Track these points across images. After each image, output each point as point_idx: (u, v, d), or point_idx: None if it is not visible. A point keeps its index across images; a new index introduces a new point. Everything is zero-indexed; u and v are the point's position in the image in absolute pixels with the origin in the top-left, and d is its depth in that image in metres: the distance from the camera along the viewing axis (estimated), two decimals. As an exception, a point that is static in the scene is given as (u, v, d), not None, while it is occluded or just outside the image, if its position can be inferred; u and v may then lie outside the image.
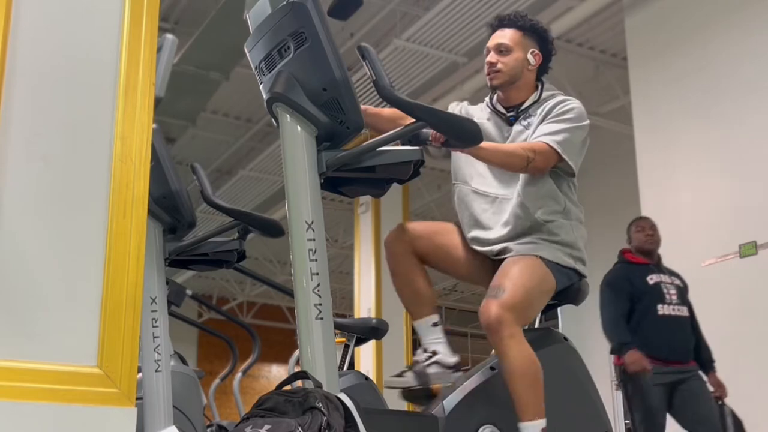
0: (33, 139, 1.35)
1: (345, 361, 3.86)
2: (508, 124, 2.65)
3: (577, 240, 2.55)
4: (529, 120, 2.60)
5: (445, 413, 2.24)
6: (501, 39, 2.65)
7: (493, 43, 2.66)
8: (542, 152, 2.47)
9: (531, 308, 2.43)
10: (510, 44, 2.63)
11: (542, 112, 2.58)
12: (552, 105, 2.58)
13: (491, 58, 2.65)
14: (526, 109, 2.63)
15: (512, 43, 2.63)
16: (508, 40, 2.64)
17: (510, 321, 2.29)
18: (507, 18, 2.70)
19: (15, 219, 1.31)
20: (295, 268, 1.83)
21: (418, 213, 11.25)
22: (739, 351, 5.20)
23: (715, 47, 5.87)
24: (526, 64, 2.64)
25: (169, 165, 2.59)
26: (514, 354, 2.27)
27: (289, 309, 15.62)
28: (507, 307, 2.30)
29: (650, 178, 6.20)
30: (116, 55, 1.44)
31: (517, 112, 2.64)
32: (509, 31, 2.66)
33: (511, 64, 2.62)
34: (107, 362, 1.33)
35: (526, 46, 2.65)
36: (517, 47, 2.63)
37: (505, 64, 2.62)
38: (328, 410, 1.58)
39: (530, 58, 2.64)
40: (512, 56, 2.62)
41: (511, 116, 2.65)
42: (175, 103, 8.46)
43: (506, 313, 2.29)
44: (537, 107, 2.62)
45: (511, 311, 2.31)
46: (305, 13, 1.88)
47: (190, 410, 3.20)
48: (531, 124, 2.59)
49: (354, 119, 1.91)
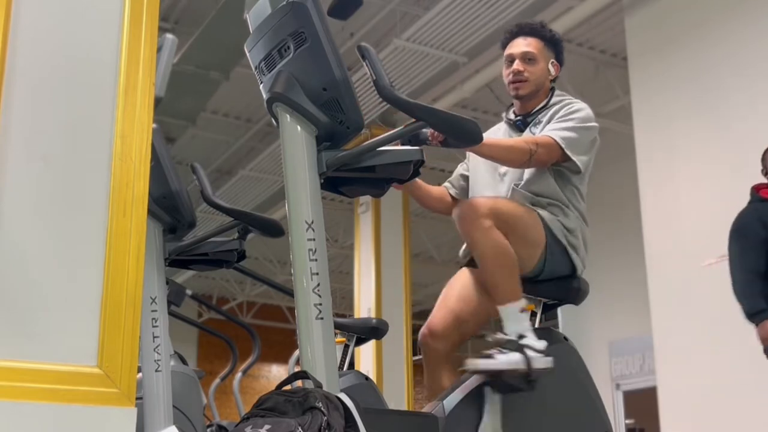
0: (33, 139, 1.35)
1: (345, 361, 3.86)
2: (517, 130, 2.66)
3: (576, 229, 2.55)
4: (538, 128, 2.61)
5: (445, 413, 2.24)
6: (526, 47, 2.62)
7: (519, 50, 2.63)
8: (545, 145, 2.46)
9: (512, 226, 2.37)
10: (536, 53, 2.62)
11: (550, 114, 2.59)
12: (559, 107, 2.59)
13: (518, 66, 2.61)
14: (536, 114, 2.64)
15: (537, 52, 2.62)
16: (534, 49, 2.62)
17: (484, 214, 2.28)
18: (529, 26, 2.68)
19: (15, 219, 1.31)
20: (295, 268, 1.83)
21: (418, 213, 11.24)
22: (739, 351, 5.20)
23: (716, 47, 5.87)
24: (547, 75, 2.64)
25: (169, 165, 2.59)
26: (488, 241, 2.28)
27: (289, 309, 15.62)
28: (486, 205, 2.31)
29: (650, 178, 6.20)
30: (116, 55, 1.44)
31: (525, 117, 2.64)
32: (533, 40, 2.64)
33: (538, 73, 2.61)
34: (107, 362, 1.33)
35: (547, 56, 2.65)
36: (541, 57, 2.63)
37: (532, 73, 2.61)
38: (328, 410, 1.58)
39: (551, 69, 2.64)
40: (539, 66, 2.61)
41: (518, 121, 2.65)
42: (175, 103, 8.45)
43: (481, 208, 2.30)
44: (546, 112, 2.62)
45: (490, 210, 2.30)
46: (305, 13, 1.88)
47: (190, 410, 3.19)
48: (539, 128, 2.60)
49: (354, 119, 1.91)
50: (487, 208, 2.32)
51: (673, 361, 5.71)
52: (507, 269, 2.29)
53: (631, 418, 9.33)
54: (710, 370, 5.36)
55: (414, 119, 1.95)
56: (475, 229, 2.29)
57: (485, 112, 8.82)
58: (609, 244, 5.15)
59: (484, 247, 2.30)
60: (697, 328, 5.51)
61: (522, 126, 2.65)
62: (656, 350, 5.90)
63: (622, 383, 9.04)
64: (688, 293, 5.63)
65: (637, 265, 6.37)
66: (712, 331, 5.36)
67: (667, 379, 5.77)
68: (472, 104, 8.75)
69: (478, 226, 2.29)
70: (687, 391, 5.53)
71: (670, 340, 5.75)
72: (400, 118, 8.63)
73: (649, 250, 6.01)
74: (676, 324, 5.71)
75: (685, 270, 5.62)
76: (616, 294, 8.52)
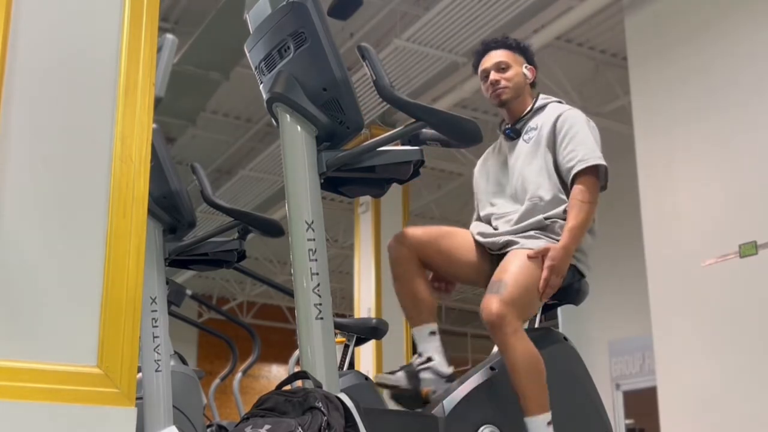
0: (33, 139, 1.35)
1: (345, 361, 3.86)
2: (510, 139, 2.72)
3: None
4: (530, 134, 2.65)
5: (445, 413, 2.24)
6: (498, 58, 2.73)
7: (490, 63, 2.73)
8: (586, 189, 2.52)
9: (531, 303, 2.44)
10: (508, 61, 2.72)
11: (547, 128, 2.62)
12: (555, 124, 2.61)
13: (494, 77, 2.71)
14: (526, 121, 2.69)
15: (509, 60, 2.72)
16: (505, 58, 2.72)
17: (511, 316, 2.30)
18: (493, 41, 2.79)
19: (15, 219, 1.31)
20: (295, 268, 1.83)
21: (418, 213, 11.25)
22: (739, 351, 5.20)
23: (715, 47, 5.87)
24: (524, 79, 2.73)
25: (169, 165, 2.59)
26: (517, 349, 2.29)
27: (289, 309, 15.61)
28: (508, 302, 2.31)
29: (650, 178, 6.20)
30: (116, 55, 1.44)
31: (513, 125, 2.71)
32: (500, 51, 2.74)
33: (515, 78, 2.71)
34: (107, 362, 1.33)
35: (519, 62, 2.74)
36: (514, 63, 2.73)
37: (509, 79, 2.70)
38: (328, 410, 1.59)
39: (526, 72, 2.73)
40: (513, 71, 2.71)
41: (507, 129, 2.72)
42: (175, 103, 8.45)
43: (507, 308, 2.30)
44: (536, 117, 2.68)
45: (513, 306, 2.31)
46: (305, 13, 1.88)
47: (190, 410, 3.20)
48: (535, 139, 2.63)
49: (354, 119, 1.91)
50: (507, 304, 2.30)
51: (673, 361, 5.71)
52: (537, 383, 2.30)
53: (631, 418, 9.33)
54: (710, 370, 5.36)
55: (414, 119, 1.96)
56: (502, 336, 2.29)
57: (485, 112, 8.82)
58: (609, 244, 5.15)
59: (514, 358, 2.29)
60: (697, 328, 5.50)
61: (513, 134, 2.70)
62: (656, 350, 5.89)
63: (622, 383, 9.04)
64: (688, 293, 5.63)
65: (637, 265, 6.37)
66: (711, 331, 5.36)
67: (667, 379, 5.77)
68: (472, 104, 8.75)
69: (504, 333, 2.29)
70: (687, 391, 5.53)
71: (670, 340, 5.75)
72: (400, 118, 8.63)
73: (649, 250, 6.00)
74: (676, 324, 5.71)
75: (685, 270, 5.61)
76: (616, 294, 8.52)
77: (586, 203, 2.50)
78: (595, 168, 2.53)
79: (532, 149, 2.62)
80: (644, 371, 8.56)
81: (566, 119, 2.62)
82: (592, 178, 2.53)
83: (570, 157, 2.55)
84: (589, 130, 2.60)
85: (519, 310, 2.34)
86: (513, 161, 2.66)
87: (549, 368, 2.32)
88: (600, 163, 2.54)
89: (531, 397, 2.28)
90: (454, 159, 9.97)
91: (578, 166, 2.52)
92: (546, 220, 2.53)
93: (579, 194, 2.51)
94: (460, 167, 10.12)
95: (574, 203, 2.51)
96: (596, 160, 2.53)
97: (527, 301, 2.40)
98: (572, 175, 2.53)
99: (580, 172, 2.51)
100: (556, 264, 2.40)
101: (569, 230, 2.46)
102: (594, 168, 2.52)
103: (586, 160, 2.52)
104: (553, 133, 2.60)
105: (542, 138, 2.61)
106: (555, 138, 2.60)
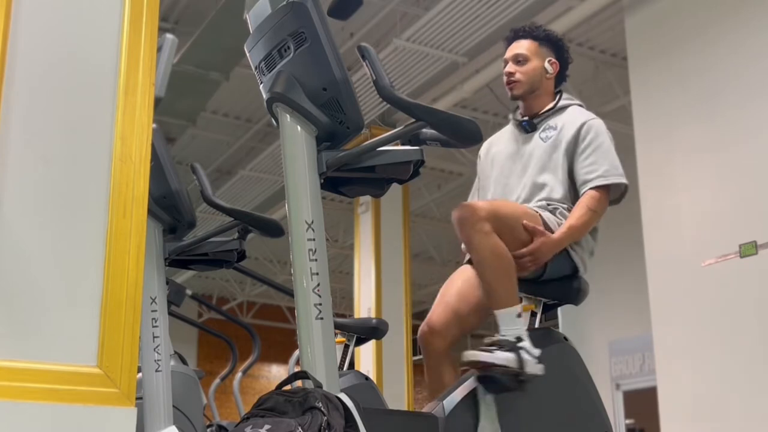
0: (33, 139, 1.35)
1: (345, 361, 3.86)
2: (523, 131, 2.71)
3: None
4: (548, 133, 2.65)
5: (445, 413, 2.24)
6: (517, 49, 2.72)
7: (510, 54, 2.73)
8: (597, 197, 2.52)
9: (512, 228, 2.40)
10: (527, 54, 2.71)
11: (570, 133, 2.61)
12: (579, 131, 2.60)
13: (509, 68, 2.71)
14: (545, 118, 2.68)
15: (529, 52, 2.71)
16: (525, 50, 2.71)
17: (485, 221, 2.30)
18: (522, 29, 2.77)
19: (15, 219, 1.31)
20: (295, 268, 1.83)
21: (418, 213, 11.25)
22: (738, 351, 5.20)
23: (716, 47, 5.87)
24: (544, 73, 2.71)
25: (169, 165, 2.59)
26: (486, 245, 2.30)
27: (289, 309, 15.61)
28: (486, 208, 2.33)
29: (650, 178, 6.20)
30: (116, 55, 1.44)
31: (531, 119, 2.70)
32: (525, 41, 2.73)
33: (530, 73, 2.69)
34: (107, 362, 1.33)
35: (543, 55, 2.72)
36: (534, 56, 2.71)
37: (523, 73, 2.69)
38: (328, 410, 1.58)
39: (548, 67, 2.71)
40: (530, 65, 2.70)
41: (524, 121, 2.70)
42: (175, 103, 8.45)
43: (483, 212, 2.31)
44: (556, 117, 2.67)
45: (488, 213, 2.32)
46: (305, 13, 1.88)
47: (190, 410, 3.19)
48: (554, 141, 2.62)
49: (354, 119, 1.91)
50: (486, 211, 2.33)
51: (673, 361, 5.71)
52: (504, 274, 2.30)
53: (631, 418, 9.33)
54: (710, 370, 5.35)
55: (414, 119, 1.96)
56: (474, 233, 2.30)
57: (485, 112, 8.82)
58: (609, 244, 5.15)
59: (481, 252, 2.31)
60: (697, 328, 5.50)
61: (528, 127, 2.70)
62: (656, 350, 5.89)
63: (622, 383, 9.04)
64: (688, 293, 5.63)
65: (637, 265, 6.36)
66: (711, 331, 5.36)
67: (667, 379, 5.76)
68: (472, 104, 8.75)
69: (476, 230, 2.30)
70: (687, 391, 5.52)
71: (670, 340, 5.75)
72: (400, 118, 8.63)
73: (649, 250, 6.00)
74: (676, 324, 5.70)
75: (685, 270, 5.61)
76: (616, 294, 8.52)
77: (592, 211, 2.51)
78: (603, 193, 2.54)
79: (548, 150, 2.62)
80: (644, 371, 8.56)
81: (591, 128, 2.61)
82: (606, 192, 2.55)
83: (591, 168, 2.55)
84: (611, 144, 2.60)
85: (494, 222, 2.32)
86: (526, 158, 2.66)
87: (549, 368, 2.32)
88: (622, 181, 2.55)
89: (499, 292, 2.30)
90: (454, 159, 9.97)
91: (597, 181, 2.54)
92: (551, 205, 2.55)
93: (588, 200, 2.52)
94: (460, 167, 10.12)
95: (581, 206, 2.51)
96: (617, 179, 2.55)
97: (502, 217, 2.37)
98: (589, 186, 2.54)
99: (590, 193, 2.53)
100: (541, 250, 2.39)
101: (568, 227, 2.46)
102: (602, 193, 2.54)
103: (607, 176, 2.54)
104: (576, 140, 2.60)
105: (562, 142, 2.61)
106: (576, 146, 2.60)
